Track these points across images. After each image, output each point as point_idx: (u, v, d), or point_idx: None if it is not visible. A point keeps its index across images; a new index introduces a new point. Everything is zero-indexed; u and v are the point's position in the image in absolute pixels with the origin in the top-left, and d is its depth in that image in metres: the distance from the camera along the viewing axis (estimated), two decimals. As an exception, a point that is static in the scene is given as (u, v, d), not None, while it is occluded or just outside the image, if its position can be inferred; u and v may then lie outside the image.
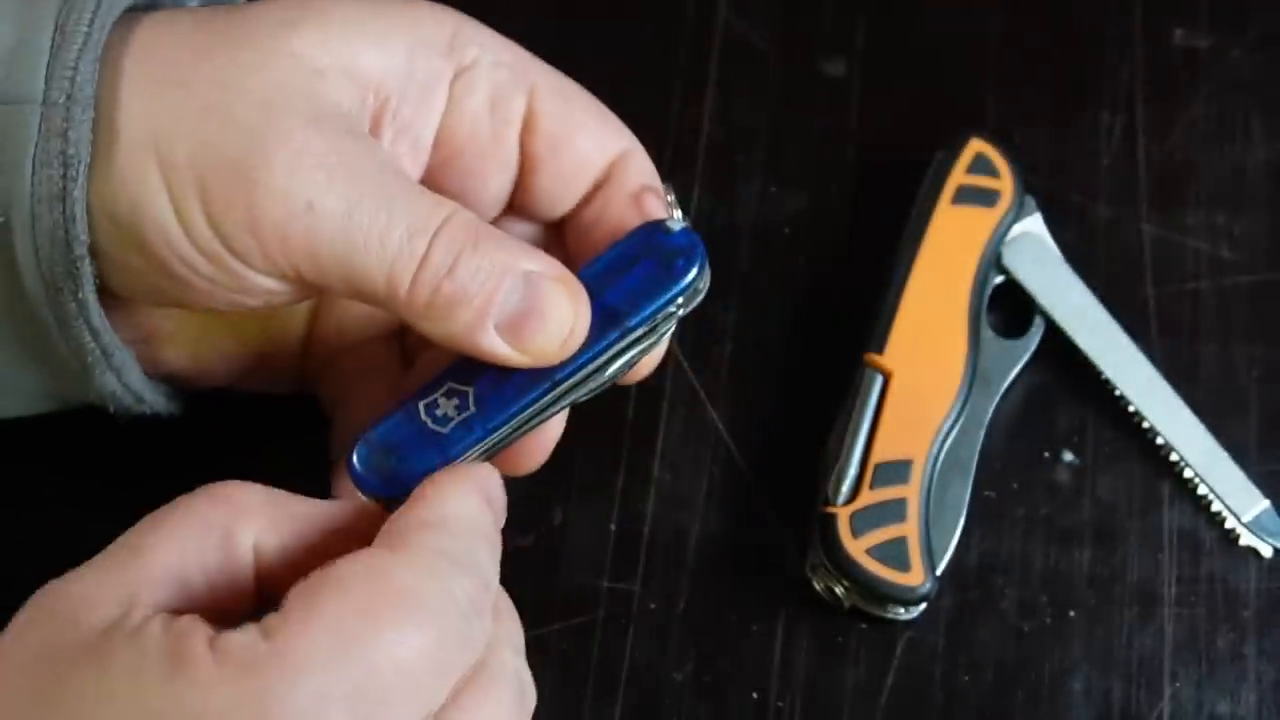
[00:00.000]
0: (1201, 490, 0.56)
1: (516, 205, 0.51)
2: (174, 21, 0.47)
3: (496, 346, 0.47)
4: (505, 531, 0.55)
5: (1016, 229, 0.57)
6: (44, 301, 0.46)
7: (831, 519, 0.53)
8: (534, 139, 0.50)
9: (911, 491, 0.53)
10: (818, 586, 0.54)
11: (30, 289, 0.46)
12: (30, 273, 0.46)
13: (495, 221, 0.51)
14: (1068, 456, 0.56)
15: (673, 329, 0.50)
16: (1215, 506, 0.56)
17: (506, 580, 0.55)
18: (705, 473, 0.56)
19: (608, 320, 0.49)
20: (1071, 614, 0.54)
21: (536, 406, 0.49)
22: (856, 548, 0.53)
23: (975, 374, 0.55)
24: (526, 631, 0.54)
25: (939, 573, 0.53)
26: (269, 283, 0.46)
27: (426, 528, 0.44)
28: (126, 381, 0.49)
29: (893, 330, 0.55)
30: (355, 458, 0.48)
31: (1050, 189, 0.60)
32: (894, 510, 0.53)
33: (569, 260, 0.49)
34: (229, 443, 0.55)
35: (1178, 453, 0.56)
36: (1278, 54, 0.62)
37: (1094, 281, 0.58)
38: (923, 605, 0.53)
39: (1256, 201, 0.60)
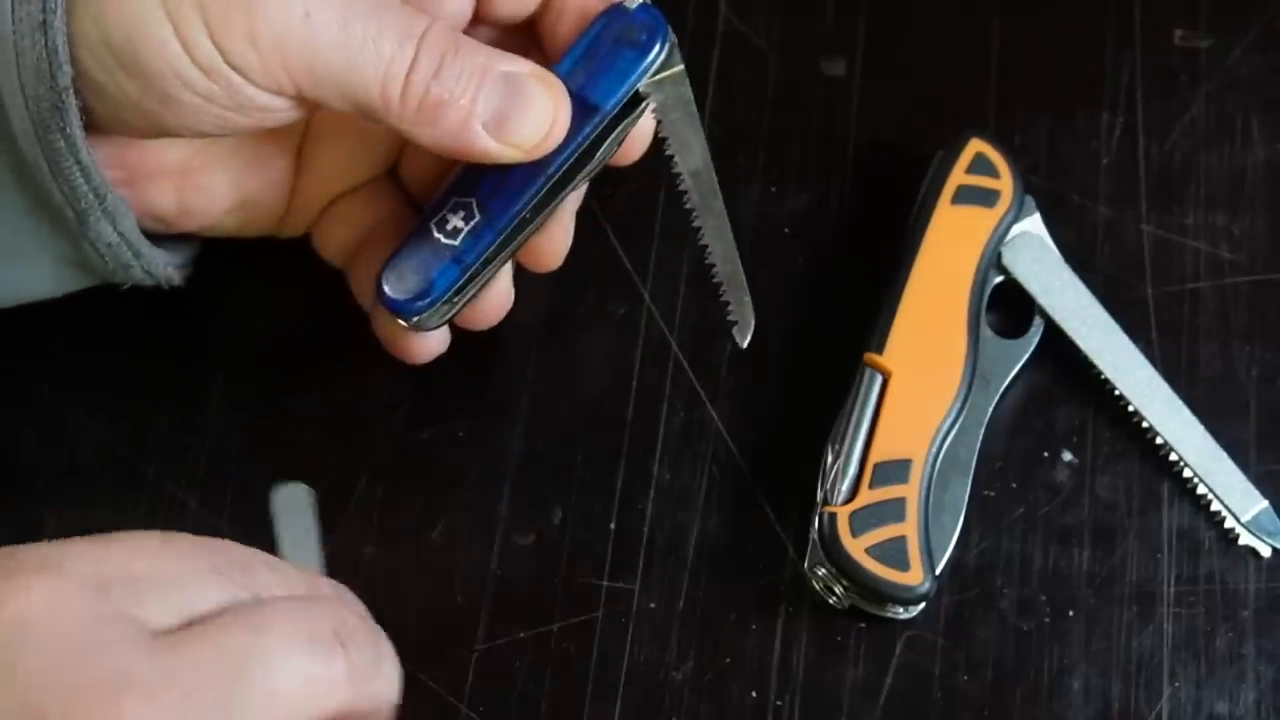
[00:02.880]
0: (1201, 490, 0.56)
1: (483, 15, 0.53)
2: None
3: (486, 144, 0.49)
4: (506, 531, 0.55)
5: (1016, 229, 0.57)
6: (34, 140, 0.47)
7: (831, 518, 0.53)
8: None
9: (911, 491, 0.53)
10: (817, 586, 0.54)
11: (19, 128, 0.47)
12: (18, 111, 0.46)
13: (466, 32, 0.52)
14: (1067, 456, 0.56)
15: (653, 106, 0.52)
16: (1214, 506, 0.56)
17: (508, 579, 0.55)
18: (705, 472, 0.56)
19: (586, 107, 0.51)
20: (1070, 613, 0.54)
21: (538, 201, 0.52)
22: (856, 547, 0.53)
23: (975, 374, 0.55)
24: (526, 630, 0.54)
25: (938, 572, 0.53)
26: (264, 98, 0.48)
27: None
28: (122, 230, 0.50)
29: (893, 330, 0.55)
30: (385, 284, 0.52)
31: (1050, 189, 0.60)
32: (893, 510, 0.53)
33: (544, 60, 0.51)
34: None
35: (1177, 452, 0.56)
36: (1278, 54, 0.62)
37: (1094, 281, 0.58)
38: (922, 604, 0.53)
39: (1256, 201, 0.60)
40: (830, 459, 0.54)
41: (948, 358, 0.55)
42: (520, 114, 0.49)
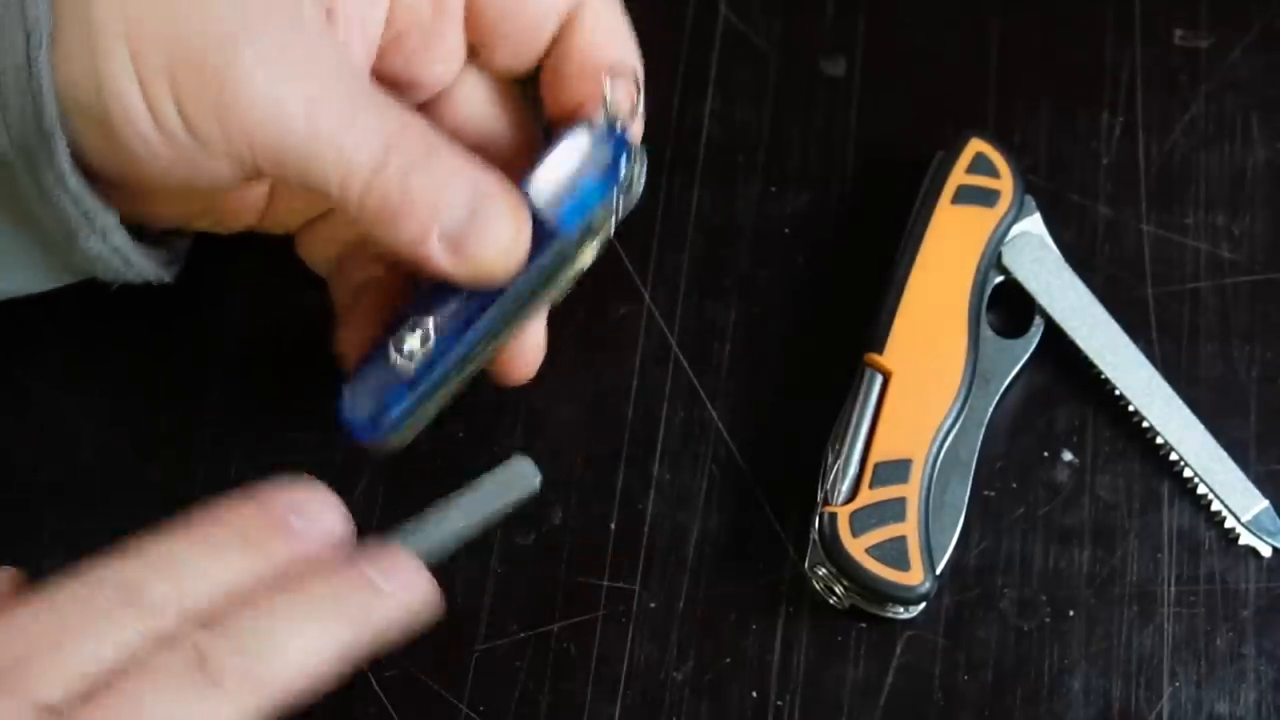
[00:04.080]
0: (1201, 490, 0.56)
1: (482, 62, 0.52)
2: None
3: (440, 260, 0.47)
4: (506, 531, 0.55)
5: (1016, 229, 0.57)
6: (21, 171, 0.46)
7: (831, 518, 0.53)
8: (478, 17, 0.50)
9: (911, 491, 0.53)
10: (817, 586, 0.54)
11: (5, 158, 0.46)
12: (3, 142, 0.46)
13: (459, 79, 0.52)
14: (1067, 456, 0.56)
15: (612, 231, 0.51)
16: (1215, 506, 0.56)
17: (508, 579, 0.55)
18: (705, 472, 0.56)
19: (547, 228, 0.49)
20: (1071, 613, 0.54)
21: (495, 324, 0.50)
22: (856, 547, 0.53)
23: (975, 374, 0.55)
24: (526, 630, 0.54)
25: (938, 572, 0.53)
26: (226, 170, 0.47)
27: None
28: (112, 244, 0.49)
29: (893, 330, 0.55)
30: (343, 403, 0.51)
31: (1050, 189, 0.60)
32: (893, 510, 0.53)
33: (543, 118, 0.51)
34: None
35: (1177, 452, 0.56)
36: (1278, 54, 0.62)
37: (1094, 281, 0.58)
38: (922, 604, 0.53)
39: (1256, 201, 0.60)
40: (830, 459, 0.54)
41: (948, 358, 0.55)
42: (480, 235, 0.47)
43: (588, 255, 0.51)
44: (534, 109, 0.53)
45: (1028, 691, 0.54)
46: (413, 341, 0.50)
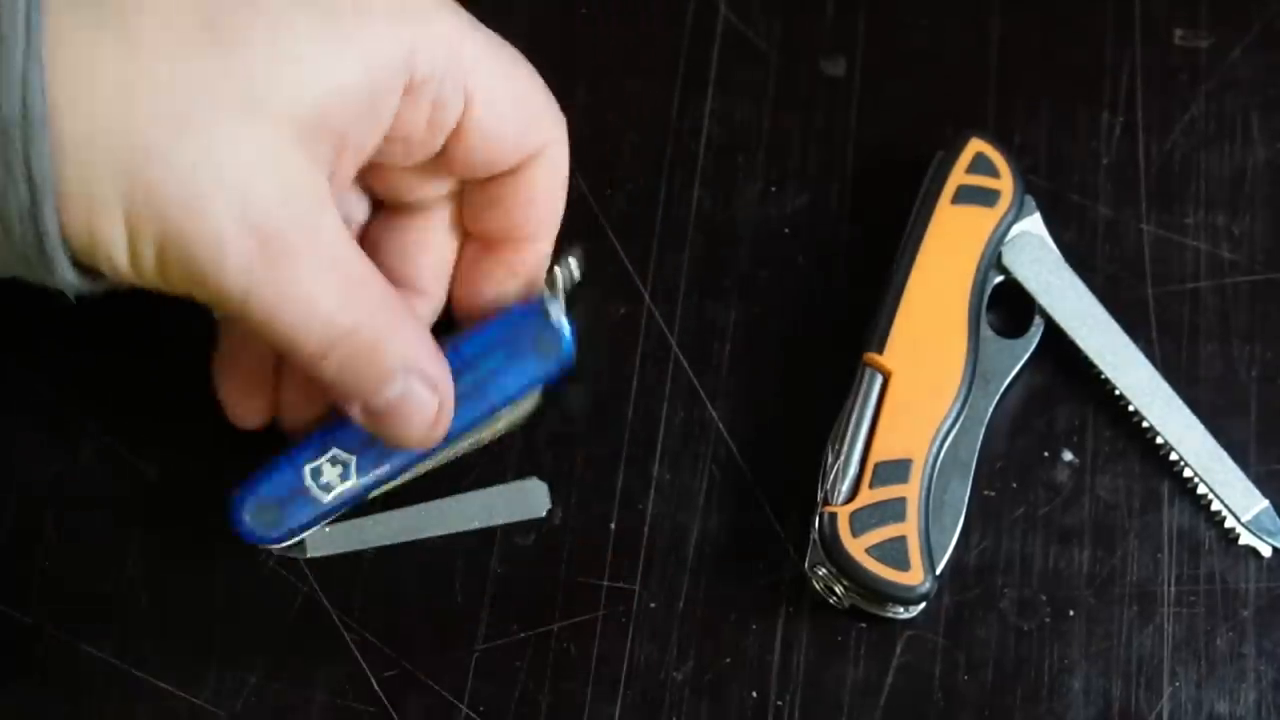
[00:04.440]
0: (1201, 490, 0.56)
1: (443, 160, 0.52)
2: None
3: (360, 421, 0.50)
4: (506, 531, 0.55)
5: (1016, 229, 0.57)
6: (16, 264, 0.46)
7: (831, 518, 0.53)
8: (460, 140, 0.51)
9: (911, 491, 0.53)
10: (817, 586, 0.54)
11: (3, 264, 0.46)
12: (3, 252, 0.46)
13: (421, 171, 0.53)
14: (1067, 456, 0.56)
15: (537, 400, 0.55)
16: (1215, 506, 0.56)
17: (508, 579, 0.55)
18: (705, 472, 0.56)
19: (476, 396, 0.53)
20: (1071, 613, 0.54)
21: (414, 472, 0.54)
22: (856, 547, 0.52)
23: (975, 373, 0.55)
24: (526, 630, 0.54)
25: (939, 572, 0.53)
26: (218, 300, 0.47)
27: None
28: (92, 287, 0.49)
29: (893, 330, 0.55)
30: (242, 512, 0.53)
31: (1050, 189, 0.60)
32: (893, 509, 0.53)
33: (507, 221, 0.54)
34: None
35: (1177, 452, 0.56)
36: (1278, 54, 0.62)
37: (1094, 281, 0.58)
38: (922, 604, 0.53)
39: (1256, 201, 0.60)
40: (830, 459, 0.54)
41: (948, 357, 0.55)
42: (401, 417, 0.50)
43: (523, 407, 0.55)
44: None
45: (1028, 691, 0.54)
46: (332, 474, 0.53)
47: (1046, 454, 0.56)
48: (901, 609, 0.53)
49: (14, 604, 0.55)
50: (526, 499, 0.55)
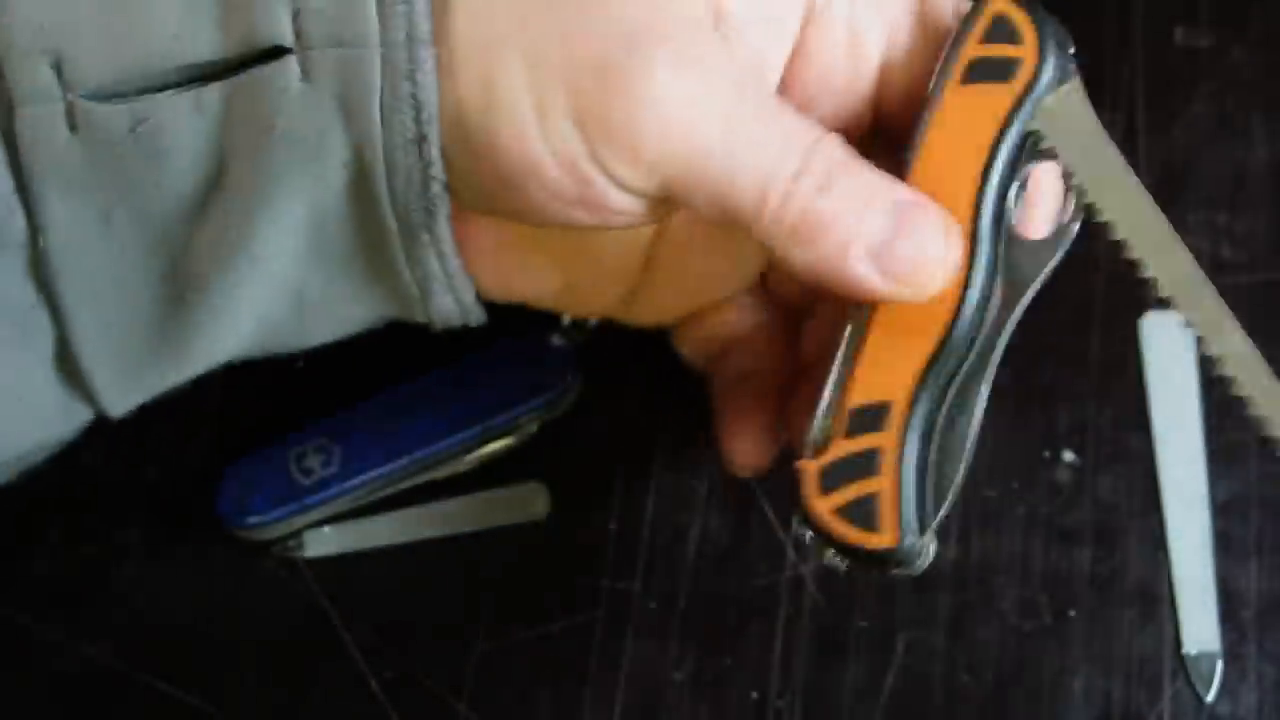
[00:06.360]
0: (1201, 489, 0.55)
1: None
2: None
3: (864, 274, 0.43)
4: (504, 532, 0.55)
5: (1050, 100, 0.45)
6: (396, 235, 0.43)
7: (800, 475, 0.44)
8: (889, 84, 0.47)
9: (888, 440, 0.44)
10: (816, 551, 0.46)
11: (386, 226, 0.43)
12: (386, 212, 0.43)
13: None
14: (1068, 456, 0.56)
15: (533, 430, 0.55)
16: (1215, 506, 0.55)
17: (508, 579, 0.55)
18: (705, 473, 0.56)
19: (478, 413, 0.54)
20: (1071, 614, 0.54)
21: (394, 476, 0.54)
22: (824, 507, 0.44)
23: (988, 292, 0.44)
24: (526, 630, 0.54)
25: (934, 527, 0.44)
26: (620, 199, 0.43)
27: None
28: (461, 300, 0.46)
29: None
30: (224, 488, 0.54)
31: (1050, 189, 0.60)
32: (864, 463, 0.44)
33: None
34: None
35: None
36: (1278, 54, 0.62)
37: (1095, 281, 0.58)
38: (925, 561, 0.44)
39: (1256, 201, 0.60)
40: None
41: None
42: (905, 244, 0.43)
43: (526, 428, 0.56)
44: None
45: (1028, 692, 0.54)
46: (314, 461, 0.53)
47: (1047, 454, 0.56)
48: (899, 568, 0.44)
49: (14, 604, 0.55)
50: (525, 500, 0.55)
